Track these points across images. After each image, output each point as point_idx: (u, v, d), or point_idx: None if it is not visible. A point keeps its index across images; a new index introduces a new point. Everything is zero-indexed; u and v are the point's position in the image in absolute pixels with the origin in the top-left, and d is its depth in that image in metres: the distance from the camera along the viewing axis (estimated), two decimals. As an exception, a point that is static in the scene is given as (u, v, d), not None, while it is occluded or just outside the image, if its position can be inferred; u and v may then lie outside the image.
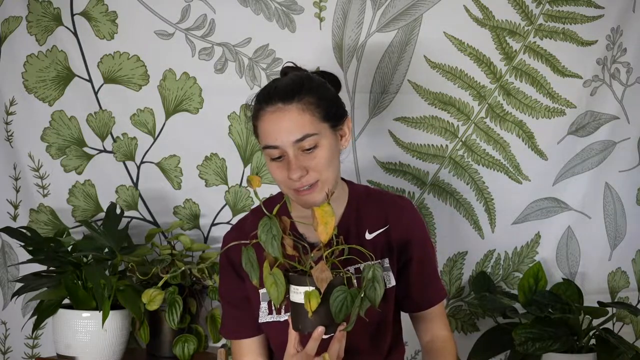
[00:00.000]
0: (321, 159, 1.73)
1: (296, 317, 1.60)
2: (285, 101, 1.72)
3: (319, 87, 1.77)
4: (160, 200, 2.49)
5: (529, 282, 2.37)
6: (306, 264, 1.61)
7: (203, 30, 2.41)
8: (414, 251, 1.86)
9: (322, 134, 1.74)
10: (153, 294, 2.23)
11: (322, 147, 1.73)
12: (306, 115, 1.72)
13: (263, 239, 1.59)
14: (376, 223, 1.85)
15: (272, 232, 1.59)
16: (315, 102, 1.73)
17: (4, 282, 2.57)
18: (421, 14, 2.39)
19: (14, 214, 2.56)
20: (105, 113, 2.47)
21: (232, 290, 1.90)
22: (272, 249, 1.58)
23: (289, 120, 1.71)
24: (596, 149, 2.47)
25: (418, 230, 1.88)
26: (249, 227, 1.87)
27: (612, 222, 2.50)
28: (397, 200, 1.90)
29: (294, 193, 1.76)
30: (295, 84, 1.75)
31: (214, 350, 2.36)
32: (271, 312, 1.84)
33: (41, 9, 2.45)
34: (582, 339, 2.28)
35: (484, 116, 2.44)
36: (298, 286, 1.58)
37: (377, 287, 1.58)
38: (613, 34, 2.43)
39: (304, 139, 1.71)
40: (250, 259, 1.62)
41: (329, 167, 1.75)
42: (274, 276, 1.59)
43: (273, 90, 1.75)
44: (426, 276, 1.88)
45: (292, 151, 1.72)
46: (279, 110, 1.72)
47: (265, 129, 1.74)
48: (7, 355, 2.59)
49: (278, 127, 1.72)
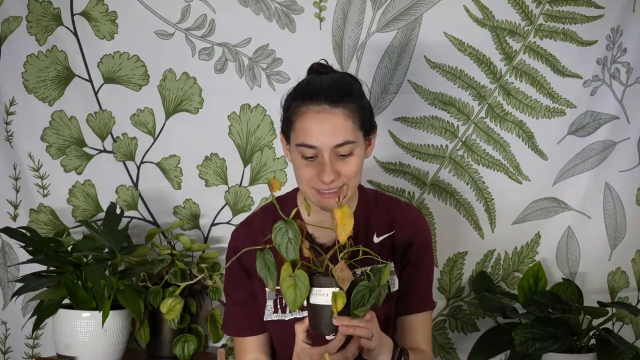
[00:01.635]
0: (353, 165, 1.75)
1: (317, 319, 1.59)
2: (332, 104, 1.72)
3: (362, 95, 1.80)
4: (160, 200, 2.49)
5: (529, 282, 2.37)
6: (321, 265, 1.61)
7: (203, 30, 2.41)
8: (412, 254, 1.87)
9: (358, 143, 1.76)
10: (172, 304, 2.13)
11: (356, 155, 1.75)
12: (350, 122, 1.73)
13: (277, 242, 1.58)
14: (383, 227, 1.86)
15: (288, 235, 1.58)
16: (358, 109, 1.75)
17: (4, 282, 2.57)
18: (421, 14, 2.39)
19: (14, 214, 2.56)
20: (105, 113, 2.47)
21: (238, 287, 1.91)
22: (286, 252, 1.58)
23: (333, 124, 1.72)
24: (596, 149, 2.47)
25: (420, 236, 1.89)
26: (258, 225, 1.88)
27: (612, 222, 2.50)
28: (404, 207, 1.93)
29: (316, 193, 1.76)
30: (343, 88, 1.76)
31: (214, 350, 2.36)
32: (277, 310, 1.86)
33: (41, 9, 2.45)
34: (582, 339, 2.28)
35: (484, 116, 2.44)
36: (321, 288, 1.57)
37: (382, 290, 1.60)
38: (613, 34, 2.43)
39: (344, 144, 1.72)
40: (267, 263, 1.61)
41: (357, 175, 1.77)
42: (295, 279, 1.57)
43: (319, 89, 1.74)
44: (418, 282, 1.88)
45: (329, 154, 1.72)
46: (325, 112, 1.72)
47: (307, 127, 1.73)
48: (7, 355, 2.59)
49: (321, 129, 1.72)
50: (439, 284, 2.47)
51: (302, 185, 1.80)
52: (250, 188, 2.46)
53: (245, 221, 1.96)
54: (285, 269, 1.59)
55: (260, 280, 1.84)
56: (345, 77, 1.82)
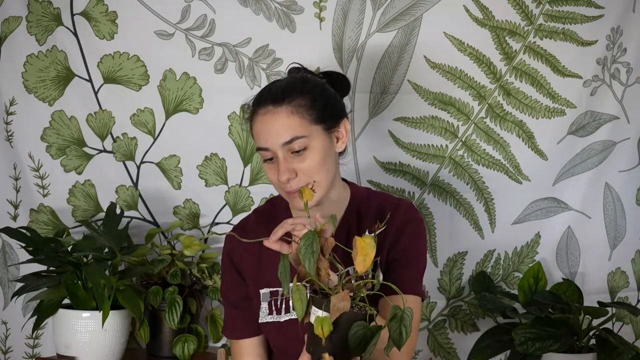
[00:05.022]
0: (311, 161, 1.73)
1: (310, 339, 1.57)
2: (275, 103, 1.73)
3: (314, 88, 1.78)
4: (160, 200, 2.49)
5: (529, 282, 2.37)
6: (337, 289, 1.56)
7: (203, 31, 2.41)
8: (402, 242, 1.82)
9: (313, 136, 1.73)
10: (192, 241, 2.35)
11: (312, 149, 1.73)
12: (295, 118, 1.72)
13: (302, 252, 1.54)
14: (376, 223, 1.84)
15: (313, 247, 1.54)
16: (307, 104, 1.74)
17: (4, 282, 2.57)
18: (421, 14, 2.39)
19: (14, 214, 2.56)
20: (105, 113, 2.48)
21: (233, 289, 1.90)
22: (308, 264, 1.54)
23: (277, 123, 1.72)
24: (596, 149, 2.47)
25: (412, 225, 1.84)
26: (251, 227, 1.88)
27: (612, 222, 2.50)
28: (396, 200, 1.89)
29: (286, 195, 1.77)
30: (287, 87, 1.76)
31: (214, 350, 2.36)
32: (271, 312, 1.84)
33: (41, 9, 2.45)
34: (582, 339, 2.28)
35: (484, 116, 2.44)
36: (317, 309, 1.55)
37: (404, 332, 1.52)
38: (613, 34, 2.43)
39: (292, 141, 1.72)
40: (285, 270, 1.59)
41: (321, 170, 1.74)
42: (299, 292, 1.56)
43: (266, 93, 1.77)
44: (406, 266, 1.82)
45: (281, 153, 1.72)
46: (269, 113, 1.73)
47: (257, 130, 1.76)
48: (8, 355, 2.59)
49: (267, 129, 1.73)
50: (439, 284, 2.47)
51: (275, 189, 1.81)
52: (250, 188, 2.46)
53: (238, 224, 1.96)
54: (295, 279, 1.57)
55: (254, 283, 1.85)
56: (300, 76, 1.82)
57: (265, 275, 1.83)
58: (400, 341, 1.51)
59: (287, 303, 1.83)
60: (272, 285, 1.83)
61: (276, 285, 1.82)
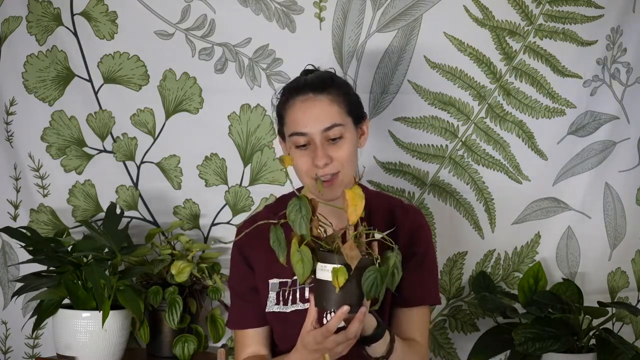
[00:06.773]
0: (345, 150, 1.82)
1: (321, 294, 1.63)
2: (316, 92, 1.83)
3: (346, 84, 1.91)
4: (160, 200, 2.49)
5: (529, 282, 2.37)
6: (333, 243, 1.64)
7: (203, 30, 2.41)
8: (414, 250, 1.89)
9: (347, 127, 1.84)
10: (182, 266, 2.29)
11: (346, 139, 1.83)
12: (335, 106, 1.83)
13: (292, 218, 1.63)
14: (385, 223, 1.87)
15: (302, 212, 1.64)
16: (343, 96, 1.85)
17: (4, 282, 2.58)
18: (421, 14, 2.39)
19: (14, 214, 2.56)
20: (105, 113, 2.48)
21: (241, 280, 1.95)
22: (299, 228, 1.63)
23: (319, 109, 1.82)
24: (596, 149, 2.47)
25: (421, 232, 1.93)
26: (261, 218, 1.91)
27: (612, 222, 2.50)
28: (405, 205, 1.97)
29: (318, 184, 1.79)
30: (326, 78, 1.87)
31: (214, 350, 2.36)
32: (278, 302, 1.89)
33: (41, 9, 2.45)
34: (582, 339, 2.28)
35: (484, 116, 2.44)
36: (326, 264, 1.61)
37: (396, 274, 1.64)
38: (613, 34, 2.43)
39: (332, 127, 1.81)
40: (279, 238, 1.66)
41: (350, 161, 1.84)
42: (301, 253, 1.63)
43: (303, 83, 1.86)
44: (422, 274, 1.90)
45: (319, 139, 1.81)
46: (310, 100, 1.83)
47: (295, 116, 1.83)
48: (8, 355, 2.59)
49: (308, 115, 1.82)
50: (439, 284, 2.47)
51: (302, 179, 1.86)
52: (250, 188, 2.46)
53: (249, 218, 2.01)
54: (294, 244, 1.64)
55: (263, 273, 1.87)
56: (329, 72, 1.92)
57: (275, 267, 1.84)
58: (392, 283, 1.64)
59: (295, 295, 1.87)
60: (281, 276, 1.88)
61: (286, 276, 1.87)
